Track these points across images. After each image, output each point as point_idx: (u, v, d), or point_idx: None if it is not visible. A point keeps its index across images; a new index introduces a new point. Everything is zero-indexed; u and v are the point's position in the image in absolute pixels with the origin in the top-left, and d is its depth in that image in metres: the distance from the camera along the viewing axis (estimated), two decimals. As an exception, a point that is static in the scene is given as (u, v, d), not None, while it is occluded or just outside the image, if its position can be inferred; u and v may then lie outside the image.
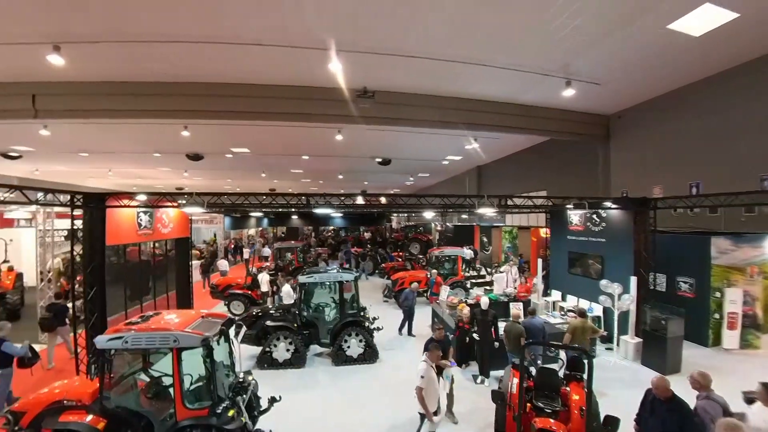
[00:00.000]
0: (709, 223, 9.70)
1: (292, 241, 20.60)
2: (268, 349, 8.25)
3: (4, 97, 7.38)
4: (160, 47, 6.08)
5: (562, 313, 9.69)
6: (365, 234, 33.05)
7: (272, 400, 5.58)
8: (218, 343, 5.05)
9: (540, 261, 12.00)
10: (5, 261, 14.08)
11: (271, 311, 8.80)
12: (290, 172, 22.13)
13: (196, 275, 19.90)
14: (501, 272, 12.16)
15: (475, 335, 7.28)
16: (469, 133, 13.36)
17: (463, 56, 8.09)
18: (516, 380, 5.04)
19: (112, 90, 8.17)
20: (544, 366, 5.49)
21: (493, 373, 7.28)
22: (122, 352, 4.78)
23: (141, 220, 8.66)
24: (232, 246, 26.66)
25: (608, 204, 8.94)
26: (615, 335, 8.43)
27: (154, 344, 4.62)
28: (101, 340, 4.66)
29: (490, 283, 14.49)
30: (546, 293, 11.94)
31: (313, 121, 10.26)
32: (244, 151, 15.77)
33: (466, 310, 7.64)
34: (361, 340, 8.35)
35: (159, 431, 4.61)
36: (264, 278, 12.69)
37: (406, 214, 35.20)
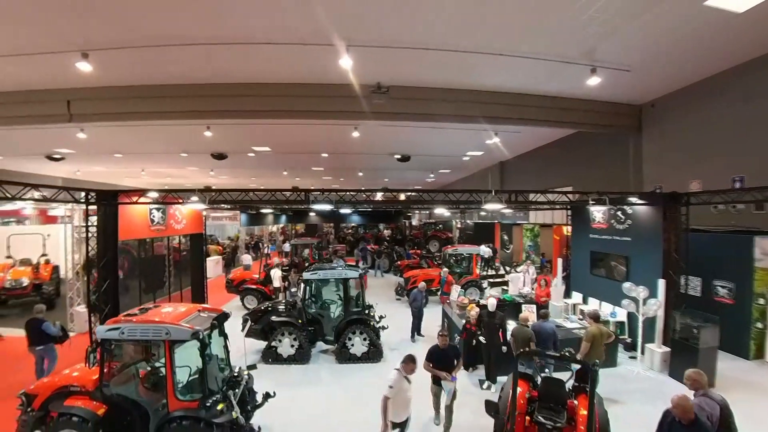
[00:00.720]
0: (755, 221, 8.71)
1: (308, 238, 20.72)
2: (273, 344, 8.24)
3: (42, 103, 7.89)
4: (175, 51, 6.24)
5: (581, 317, 9.03)
6: (385, 231, 32.91)
7: (266, 396, 5.62)
8: (210, 337, 5.08)
9: (560, 261, 11.31)
10: (44, 254, 15.01)
11: (277, 307, 8.77)
12: (311, 169, 22.32)
13: (218, 269, 20.64)
14: (517, 272, 11.54)
15: (481, 338, 6.87)
16: (489, 127, 12.80)
17: (478, 45, 7.64)
18: (518, 390, 4.66)
19: (136, 93, 8.45)
20: (549, 375, 5.04)
21: (500, 378, 6.84)
22: (123, 342, 4.93)
23: (153, 216, 8.87)
24: (253, 243, 27.25)
25: (633, 199, 8.19)
26: (639, 343, 7.75)
27: (148, 336, 4.73)
28: (101, 330, 4.85)
29: (508, 283, 13.90)
30: (566, 295, 11.24)
31: (329, 118, 10.16)
32: (266, 149, 15.99)
33: (475, 311, 7.25)
34: (365, 339, 8.15)
35: (153, 420, 4.74)
36: (276, 274, 12.78)
37: (427, 212, 34.75)
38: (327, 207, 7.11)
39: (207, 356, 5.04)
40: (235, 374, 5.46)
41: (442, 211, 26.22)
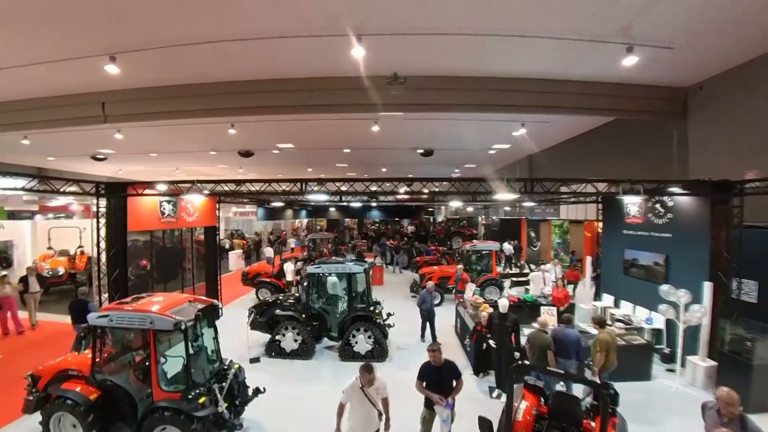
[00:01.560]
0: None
1: (326, 232, 20.60)
2: (276, 337, 8.06)
3: (79, 106, 8.32)
4: (194, 51, 6.42)
5: (609, 323, 8.12)
6: (408, 227, 32.36)
7: (256, 392, 5.57)
8: (197, 329, 5.07)
9: (589, 259, 10.33)
10: (80, 246, 15.87)
11: (282, 300, 8.56)
12: (335, 165, 22.31)
13: (240, 263, 21.04)
14: (539, 270, 10.67)
15: (491, 342, 6.25)
16: (514, 117, 11.94)
17: (500, 27, 6.87)
18: (525, 404, 4.07)
19: (161, 94, 8.69)
20: (562, 391, 4.38)
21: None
22: (112, 329, 5.02)
23: (164, 208, 8.91)
24: (274, 237, 27.62)
25: (675, 189, 7.17)
26: (679, 354, 6.80)
27: (134, 324, 4.69)
28: (92, 317, 4.88)
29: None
30: (596, 297, 10.27)
31: (346, 111, 9.85)
32: (289, 146, 16.03)
33: (487, 311, 6.64)
34: (369, 336, 7.75)
35: (140, 409, 4.76)
36: (289, 267, 12.67)
37: (452, 208, 33.80)
38: (322, 197, 6.75)
39: (195, 347, 4.96)
40: (225, 367, 5.37)
41: (465, 207, 25.35)
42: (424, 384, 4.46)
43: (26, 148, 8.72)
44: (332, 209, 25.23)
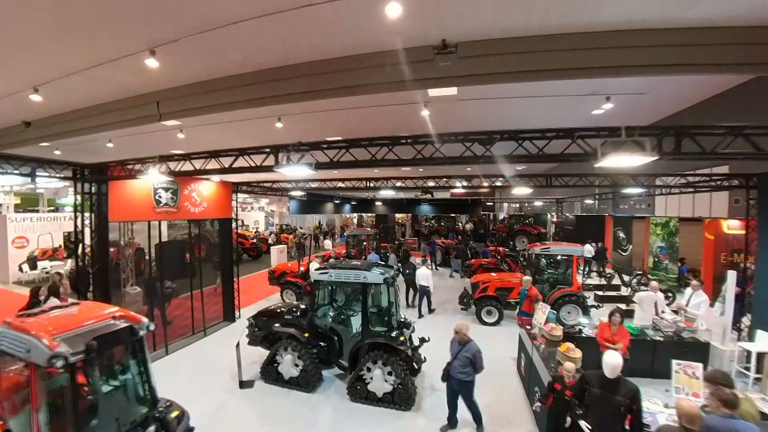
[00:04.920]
0: None
1: (368, 228, 18.70)
2: (276, 359, 6.33)
3: (139, 106, 8.29)
4: (229, 35, 5.45)
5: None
6: (466, 225, 29.24)
7: None
8: (92, 364, 3.57)
9: (731, 276, 6.86)
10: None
11: (284, 311, 6.75)
12: (400, 169, 20.71)
13: (282, 257, 20.15)
14: (648, 289, 7.34)
15: (584, 425, 3.58)
16: (598, 88, 8.78)
17: None
18: None
19: (209, 87, 8.28)
20: None
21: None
22: None
23: (160, 196, 7.65)
24: (322, 232, 26.58)
25: None
26: None
27: (13, 350, 3.36)
28: None
29: (627, 300, 9.63)
30: (739, 335, 6.82)
31: (386, 90, 8.03)
32: (337, 139, 14.70)
33: (572, 365, 4.02)
34: (390, 373, 5.55)
35: None
36: (314, 267, 10.92)
37: (516, 204, 29.86)
38: (304, 170, 4.78)
39: (94, 389, 3.46)
40: (158, 412, 3.90)
41: (532, 200, 21.77)
42: None
43: (111, 151, 9.07)
44: (378, 203, 23.31)
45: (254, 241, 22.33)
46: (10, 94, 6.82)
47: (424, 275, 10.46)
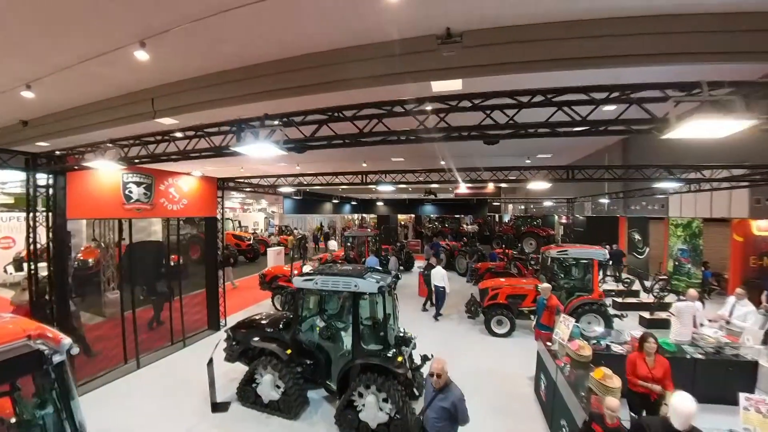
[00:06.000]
0: None
1: (368, 229, 17.82)
2: (255, 378, 5.45)
3: (133, 104, 7.78)
4: (223, 25, 5.12)
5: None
6: (470, 226, 28.30)
7: None
8: None
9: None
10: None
11: (265, 323, 5.88)
12: (391, 160, 20.12)
13: (279, 259, 19.33)
14: (686, 299, 6.35)
15: None
16: (612, 76, 7.90)
17: None
18: None
19: (202, 83, 7.74)
20: None
21: None
22: None
23: (130, 191, 6.83)
24: (321, 234, 25.79)
25: None
26: None
27: None
28: None
29: (652, 307, 8.67)
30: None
31: (385, 83, 7.29)
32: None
33: (615, 402, 3.11)
34: (385, 400, 4.65)
35: None
36: (307, 270, 10.08)
37: (522, 206, 28.89)
38: (272, 149, 3.94)
39: None
40: None
41: (540, 201, 20.86)
42: None
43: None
44: (380, 203, 22.44)
45: (251, 242, 21.57)
46: (2, 91, 6.31)
47: (438, 275, 9.86)
